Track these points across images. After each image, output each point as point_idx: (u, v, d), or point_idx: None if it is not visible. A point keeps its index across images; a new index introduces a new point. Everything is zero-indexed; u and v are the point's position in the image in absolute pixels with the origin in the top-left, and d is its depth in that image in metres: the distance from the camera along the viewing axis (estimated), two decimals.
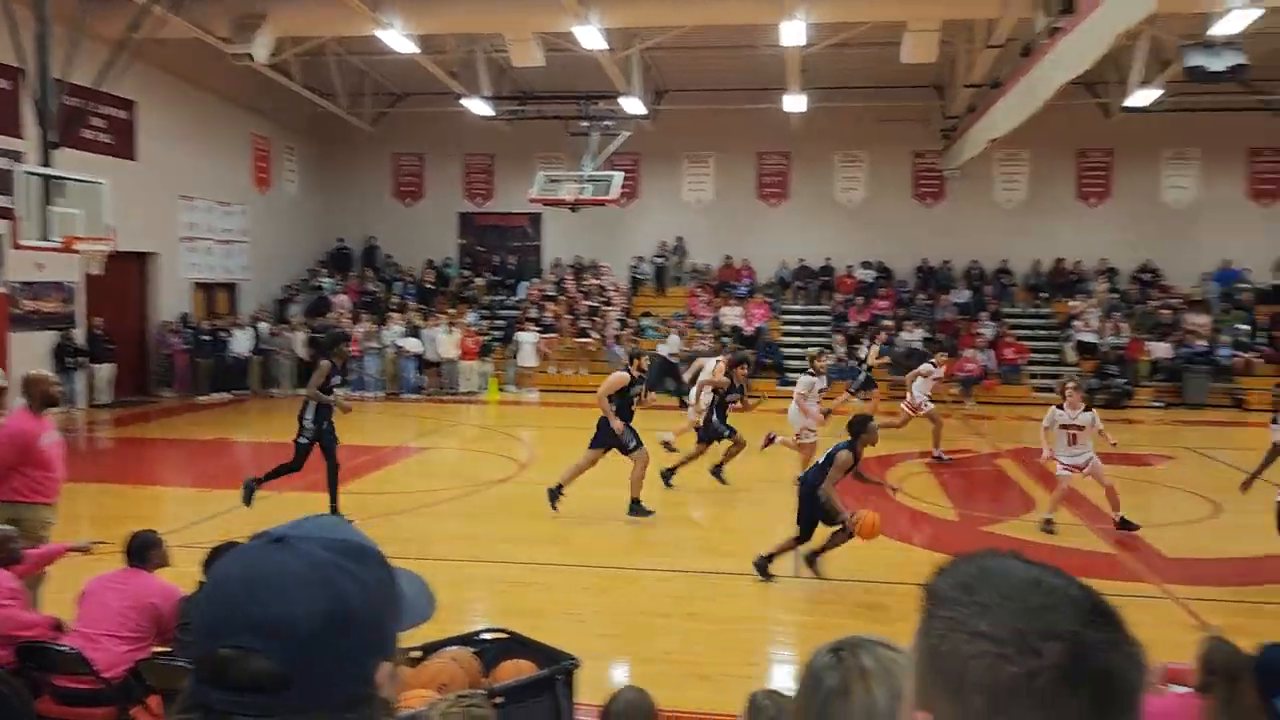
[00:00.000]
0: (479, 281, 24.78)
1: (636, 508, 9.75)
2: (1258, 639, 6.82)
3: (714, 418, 11.38)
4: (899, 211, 24.27)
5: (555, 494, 9.78)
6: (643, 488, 9.92)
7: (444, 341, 21.11)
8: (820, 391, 11.86)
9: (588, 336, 22.30)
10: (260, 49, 16.49)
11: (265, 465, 9.52)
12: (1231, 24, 14.83)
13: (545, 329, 22.24)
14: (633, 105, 20.45)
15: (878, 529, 7.69)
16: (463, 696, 3.26)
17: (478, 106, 21.54)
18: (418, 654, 4.19)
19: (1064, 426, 9.51)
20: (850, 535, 7.69)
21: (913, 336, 21.08)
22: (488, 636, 4.72)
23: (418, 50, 17.94)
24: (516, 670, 4.25)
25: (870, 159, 24.36)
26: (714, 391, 11.50)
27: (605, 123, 19.75)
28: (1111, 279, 22.81)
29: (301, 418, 9.39)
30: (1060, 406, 9.58)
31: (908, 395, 14.23)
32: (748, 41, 19.43)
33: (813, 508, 7.76)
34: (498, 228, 25.83)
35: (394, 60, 19.96)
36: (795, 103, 20.34)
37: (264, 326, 21.49)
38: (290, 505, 9.13)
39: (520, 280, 24.90)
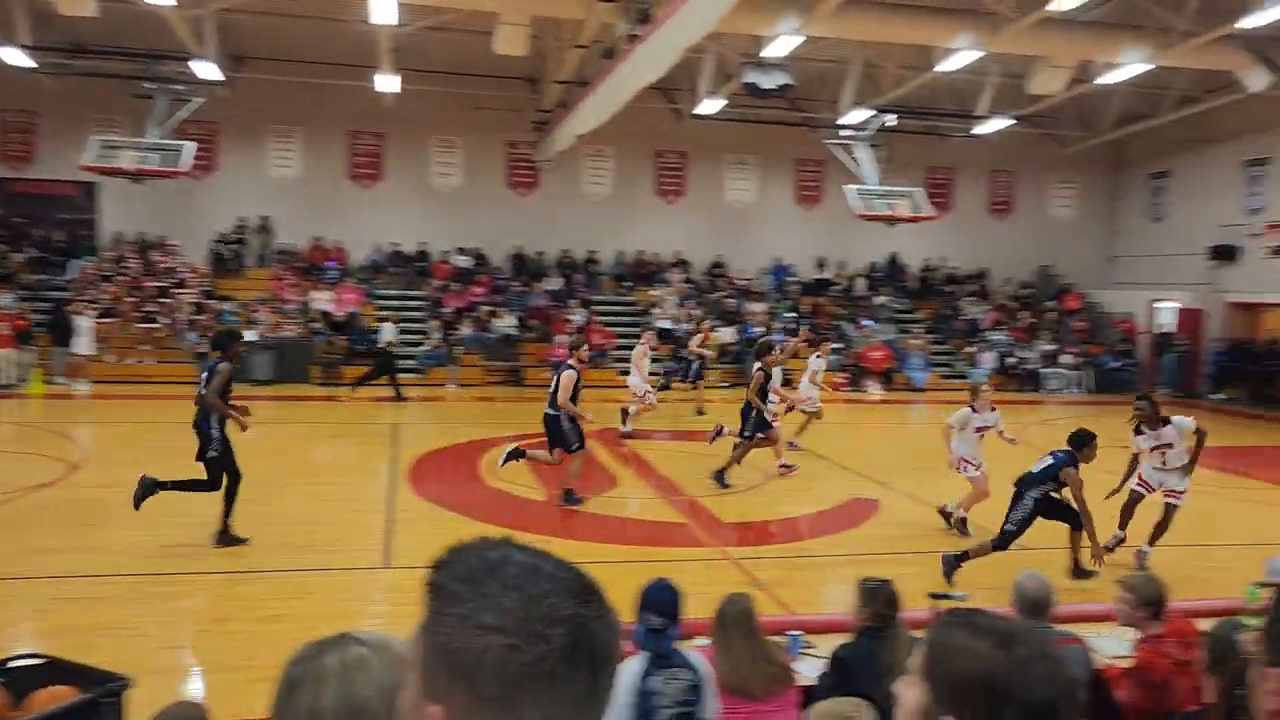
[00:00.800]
0: (18, 258, 21.54)
1: (569, 496, 10.14)
2: (795, 589, 7.77)
3: (762, 410, 11.21)
4: (494, 199, 24.65)
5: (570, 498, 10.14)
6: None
7: None
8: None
9: (154, 322, 20.26)
10: None
11: None
12: (780, 48, 16.73)
13: (104, 313, 19.86)
14: (206, 70, 18.78)
15: None
16: None
17: (14, 56, 18.61)
18: None
19: (978, 429, 9.65)
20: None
21: (506, 323, 21.56)
22: (18, 663, 4.10)
23: None
24: (53, 698, 3.74)
25: (466, 145, 24.48)
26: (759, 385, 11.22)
27: (175, 86, 18.00)
28: (686, 270, 24.86)
29: (205, 429, 8.12)
30: (973, 408, 9.61)
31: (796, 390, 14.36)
32: (337, 14, 18.67)
33: (1034, 511, 7.74)
34: (44, 197, 22.57)
35: None
36: (388, 83, 19.89)
37: None
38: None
39: (71, 258, 21.96)
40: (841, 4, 15.15)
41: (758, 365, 11.39)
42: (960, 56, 17.88)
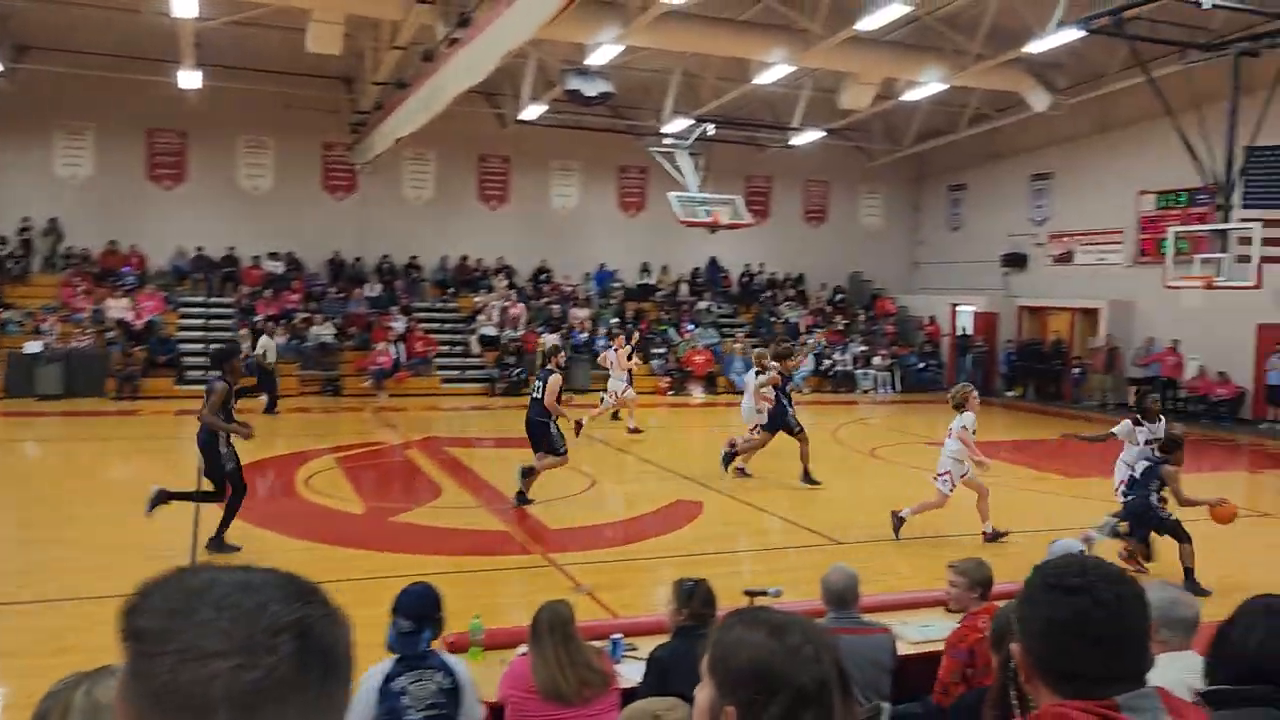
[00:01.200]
0: None
1: (522, 497, 10.55)
2: (621, 591, 7.80)
3: (785, 410, 11.92)
4: (309, 202, 23.75)
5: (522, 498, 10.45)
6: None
7: None
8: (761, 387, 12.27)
9: None
10: None
11: None
12: (601, 56, 16.85)
13: None
14: None
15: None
16: None
17: None
18: None
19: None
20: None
21: (323, 330, 20.81)
22: None
23: None
24: None
25: (278, 146, 23.47)
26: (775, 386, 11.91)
27: None
28: (510, 276, 24.68)
29: (212, 448, 8.43)
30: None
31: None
32: (133, 5, 17.53)
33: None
34: None
35: None
36: (190, 79, 18.81)
37: None
38: None
39: None
40: (660, 16, 15.40)
41: (775, 368, 12.17)
42: (775, 70, 18.51)
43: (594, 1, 15.63)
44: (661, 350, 23.40)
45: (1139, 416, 9.51)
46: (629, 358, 16.74)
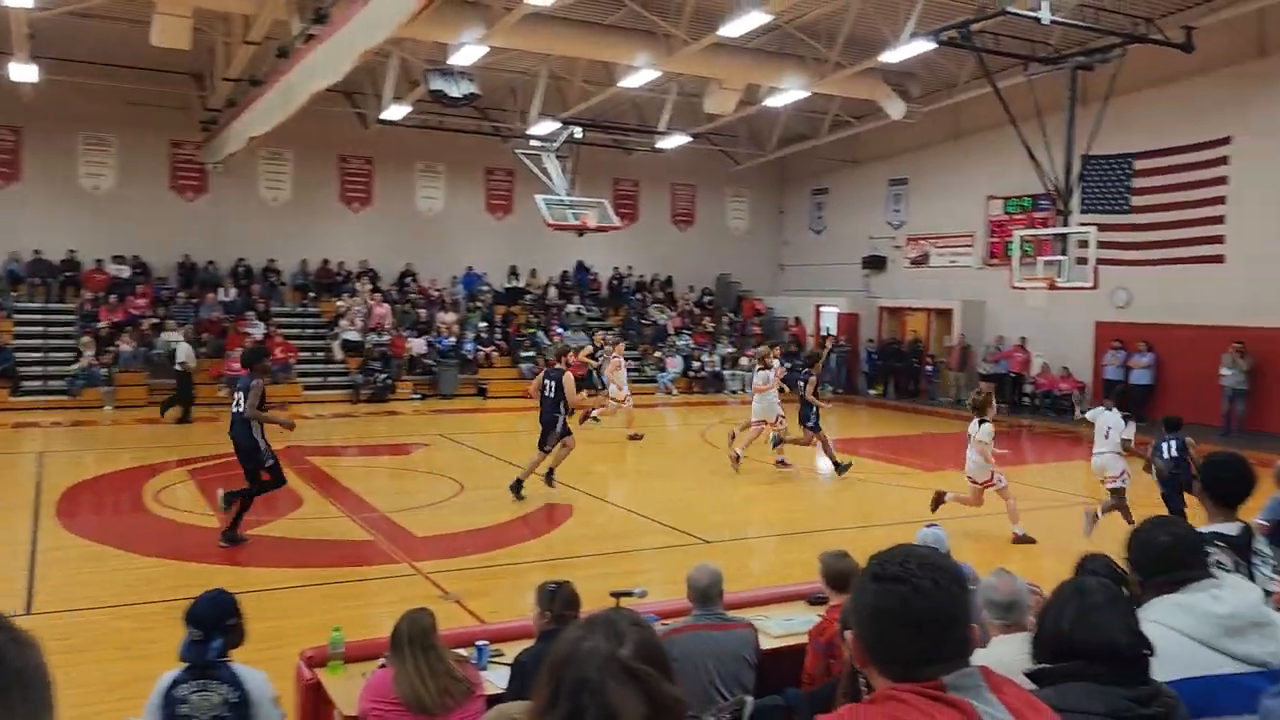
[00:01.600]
0: None
1: (546, 480, 11.42)
2: (489, 598, 7.68)
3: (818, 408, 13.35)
4: (156, 203, 22.61)
5: (548, 479, 11.35)
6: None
7: None
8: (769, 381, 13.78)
9: None
10: None
11: None
12: (465, 57, 16.64)
13: None
14: None
15: None
16: None
17: None
18: None
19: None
20: None
21: (174, 336, 19.84)
22: None
23: None
24: None
25: (122, 143, 22.28)
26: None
27: None
28: (374, 280, 24.11)
29: (252, 444, 9.03)
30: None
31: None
32: None
33: None
34: None
35: None
36: (23, 72, 17.67)
37: None
38: None
39: None
40: (524, 18, 15.31)
41: (806, 370, 13.74)
42: (641, 75, 18.64)
43: (457, 1, 15.43)
44: (531, 354, 23.25)
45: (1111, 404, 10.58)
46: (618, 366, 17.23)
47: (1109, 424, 10.18)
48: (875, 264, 25.94)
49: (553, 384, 11.30)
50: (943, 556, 1.59)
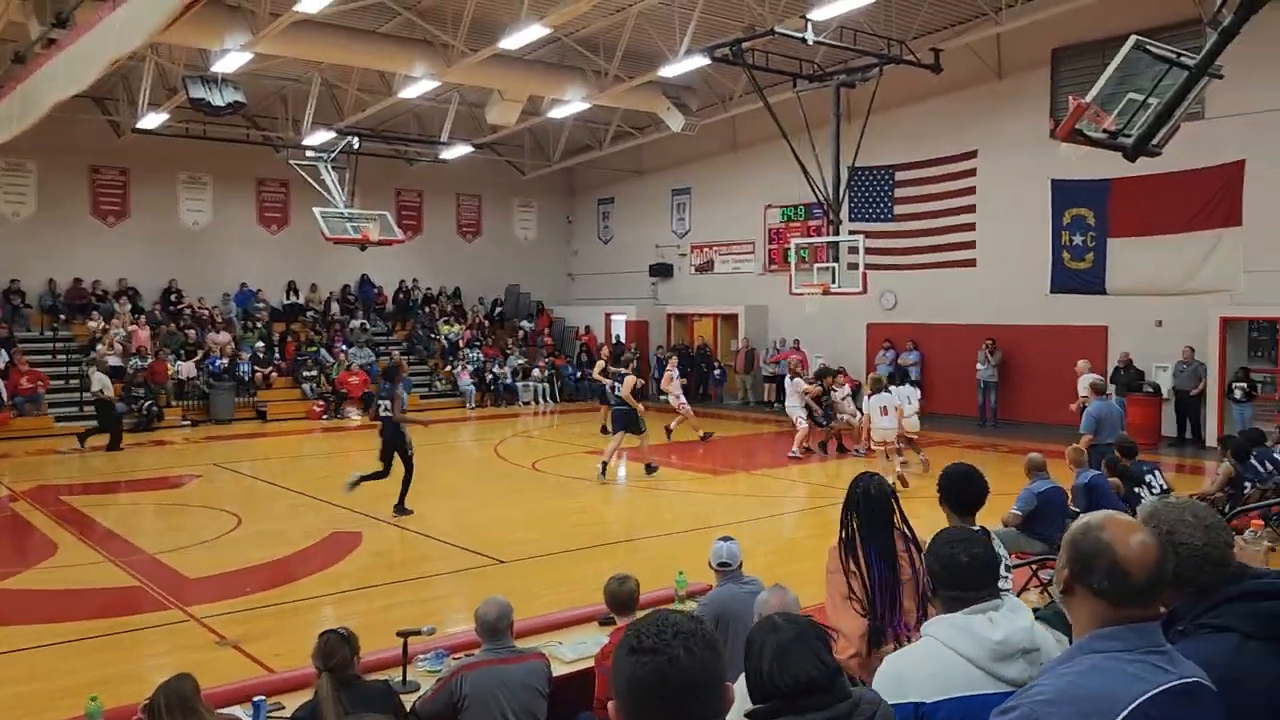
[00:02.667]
0: None
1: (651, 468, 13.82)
2: (273, 640, 7.27)
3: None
4: None
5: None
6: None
7: None
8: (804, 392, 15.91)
9: None
10: None
11: None
12: (229, 64, 15.76)
13: None
14: None
15: None
16: None
17: None
18: None
19: None
20: None
21: None
22: None
23: None
24: None
25: None
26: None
27: None
28: (135, 299, 22.42)
29: (401, 439, 11.21)
30: None
31: None
32: None
33: None
34: None
35: None
36: None
37: None
38: None
39: None
40: (292, 24, 14.64)
41: (819, 385, 16.35)
42: (420, 85, 18.24)
43: (219, 6, 14.58)
44: (314, 373, 22.28)
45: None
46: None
47: (907, 395, 14.00)
48: (662, 271, 26.51)
49: (618, 384, 14.22)
50: (697, 623, 1.61)
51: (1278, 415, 14.73)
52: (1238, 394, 15.47)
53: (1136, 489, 8.23)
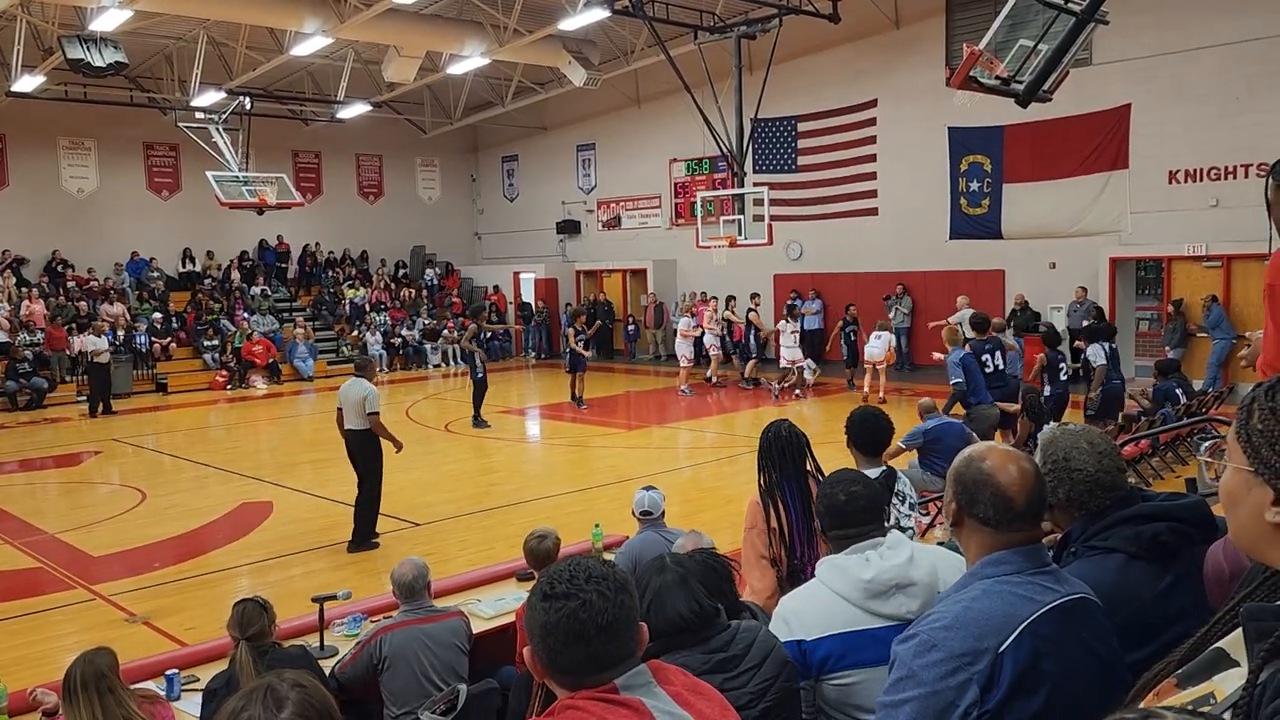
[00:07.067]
0: None
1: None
2: (185, 614, 7.14)
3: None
4: None
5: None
6: None
7: None
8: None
9: None
10: None
11: None
12: (107, 22, 15.04)
13: None
14: None
15: None
16: None
17: None
18: None
19: None
20: None
21: None
22: None
23: None
24: None
25: None
26: None
27: None
28: (18, 270, 21.42)
29: (472, 361, 14.38)
30: None
31: None
32: None
33: None
34: None
35: None
36: None
37: None
38: None
39: None
40: None
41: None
42: (312, 42, 17.65)
43: None
44: (215, 342, 21.65)
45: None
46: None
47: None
48: (570, 229, 26.36)
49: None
50: (609, 566, 1.64)
51: (1163, 351, 15.41)
52: (1063, 374, 13.81)
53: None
